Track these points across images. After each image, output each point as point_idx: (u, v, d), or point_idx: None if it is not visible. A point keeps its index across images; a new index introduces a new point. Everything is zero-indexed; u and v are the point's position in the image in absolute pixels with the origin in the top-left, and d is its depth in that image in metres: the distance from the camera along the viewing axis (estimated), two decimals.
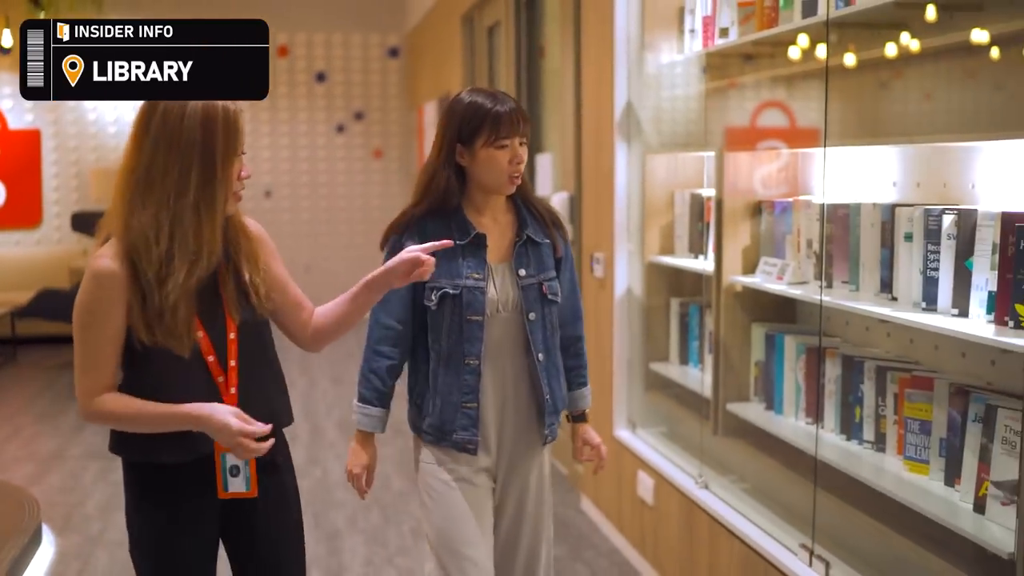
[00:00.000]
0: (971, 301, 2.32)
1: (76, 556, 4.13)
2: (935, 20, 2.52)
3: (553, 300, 2.49)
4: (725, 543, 3.20)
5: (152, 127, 2.01)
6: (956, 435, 2.42)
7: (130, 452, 2.10)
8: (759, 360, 3.34)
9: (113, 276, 1.98)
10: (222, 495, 2.12)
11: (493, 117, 2.37)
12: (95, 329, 2.01)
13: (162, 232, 1.98)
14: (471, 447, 2.43)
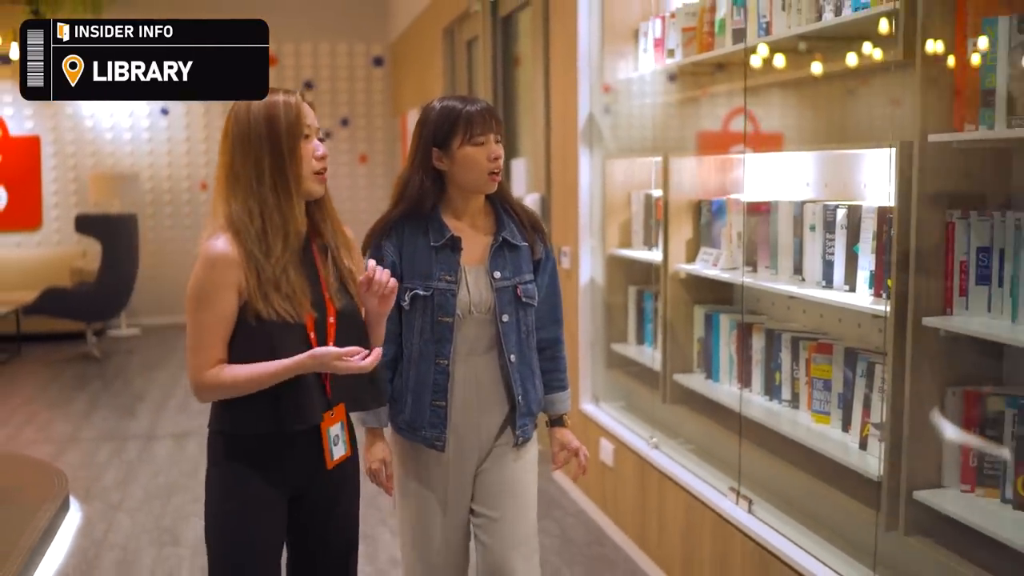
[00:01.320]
0: (858, 279, 2.86)
1: (100, 520, 4.61)
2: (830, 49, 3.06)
3: (528, 303, 2.52)
4: (671, 493, 3.72)
5: (230, 130, 2.18)
6: (848, 389, 2.95)
7: (230, 425, 2.19)
8: (700, 337, 3.87)
9: (227, 257, 2.11)
10: (330, 464, 2.23)
11: (466, 117, 2.42)
12: (208, 309, 2.12)
13: (253, 214, 2.13)
14: (439, 444, 2.48)
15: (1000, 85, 2.23)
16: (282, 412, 2.15)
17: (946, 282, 2.45)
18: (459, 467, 2.53)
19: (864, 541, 2.69)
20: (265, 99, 2.15)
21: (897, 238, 2.50)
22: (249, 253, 2.11)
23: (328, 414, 2.22)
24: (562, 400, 2.67)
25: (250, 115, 2.14)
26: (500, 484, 2.54)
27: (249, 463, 2.19)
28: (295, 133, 2.14)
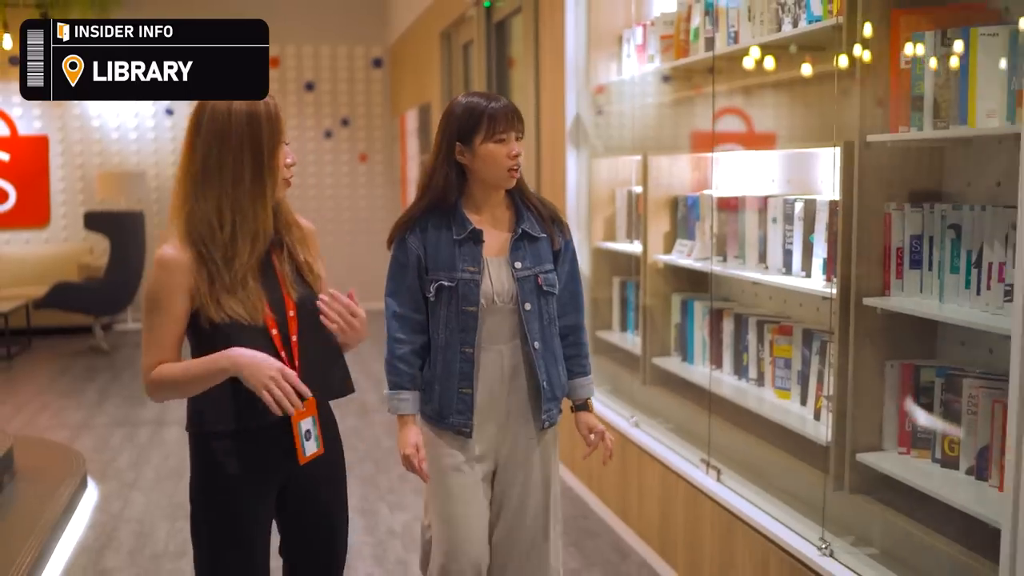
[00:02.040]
0: (813, 265, 3.16)
1: (116, 498, 4.91)
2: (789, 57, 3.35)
3: (549, 292, 2.60)
4: (649, 468, 4.01)
5: (203, 128, 2.14)
6: (806, 366, 3.25)
7: (198, 425, 2.22)
8: (677, 322, 4.16)
9: (177, 262, 2.12)
10: (303, 460, 2.22)
11: (490, 114, 2.49)
12: (160, 312, 2.14)
13: (224, 218, 2.13)
14: (466, 430, 2.56)
15: (927, 91, 2.51)
16: (240, 408, 2.15)
17: (884, 267, 2.74)
18: (486, 452, 2.60)
19: (815, 501, 2.98)
20: (246, 103, 2.14)
21: (842, 228, 2.79)
22: (206, 258, 2.12)
23: (299, 408, 2.17)
24: (585, 385, 2.74)
25: (232, 115, 2.12)
26: (528, 466, 2.62)
27: (227, 462, 2.20)
28: (276, 140, 2.16)
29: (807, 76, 3.23)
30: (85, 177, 10.56)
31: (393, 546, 4.22)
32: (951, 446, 2.60)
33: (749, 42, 3.41)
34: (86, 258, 10.01)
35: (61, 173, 10.55)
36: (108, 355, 8.79)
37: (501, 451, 2.62)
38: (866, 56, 2.66)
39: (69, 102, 10.38)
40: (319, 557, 2.36)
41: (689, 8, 3.91)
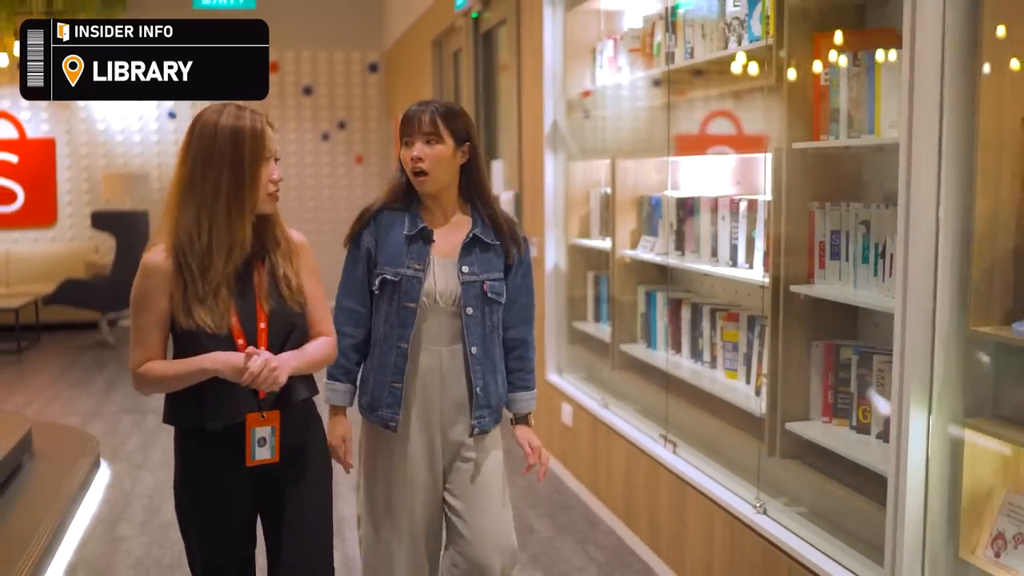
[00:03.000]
0: (755, 258, 3.53)
1: (127, 476, 5.29)
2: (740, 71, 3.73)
3: (494, 300, 2.63)
4: (616, 445, 4.39)
5: (192, 144, 2.24)
6: (749, 349, 3.63)
7: (179, 420, 2.33)
8: (642, 312, 4.54)
9: (158, 268, 2.23)
10: (249, 463, 2.30)
11: (403, 119, 2.59)
12: (144, 313, 2.25)
13: (202, 229, 2.21)
14: (392, 424, 2.59)
15: (842, 105, 2.89)
16: (205, 409, 2.26)
17: (809, 258, 3.12)
18: (417, 449, 2.63)
19: (752, 466, 3.36)
20: (233, 120, 2.21)
21: (773, 224, 3.17)
22: (184, 267, 2.22)
23: (256, 415, 2.29)
24: (526, 399, 2.76)
25: (217, 133, 2.20)
26: (467, 478, 2.65)
27: (196, 456, 2.33)
28: (257, 158, 2.23)
29: (748, 89, 3.61)
30: (91, 178, 10.93)
31: None
32: (864, 414, 2.98)
33: (702, 57, 3.80)
34: (92, 256, 10.38)
35: (67, 174, 10.91)
36: (114, 349, 9.17)
37: (442, 447, 2.64)
38: (792, 74, 3.04)
39: (75, 105, 10.76)
40: (304, 554, 2.42)
41: (653, 25, 4.29)
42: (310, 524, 2.44)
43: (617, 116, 4.84)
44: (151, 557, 4.16)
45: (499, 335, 2.68)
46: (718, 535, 3.43)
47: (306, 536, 2.43)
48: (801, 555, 2.92)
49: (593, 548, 4.21)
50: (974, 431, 2.39)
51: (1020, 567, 2.27)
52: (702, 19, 3.80)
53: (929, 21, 2.31)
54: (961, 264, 2.33)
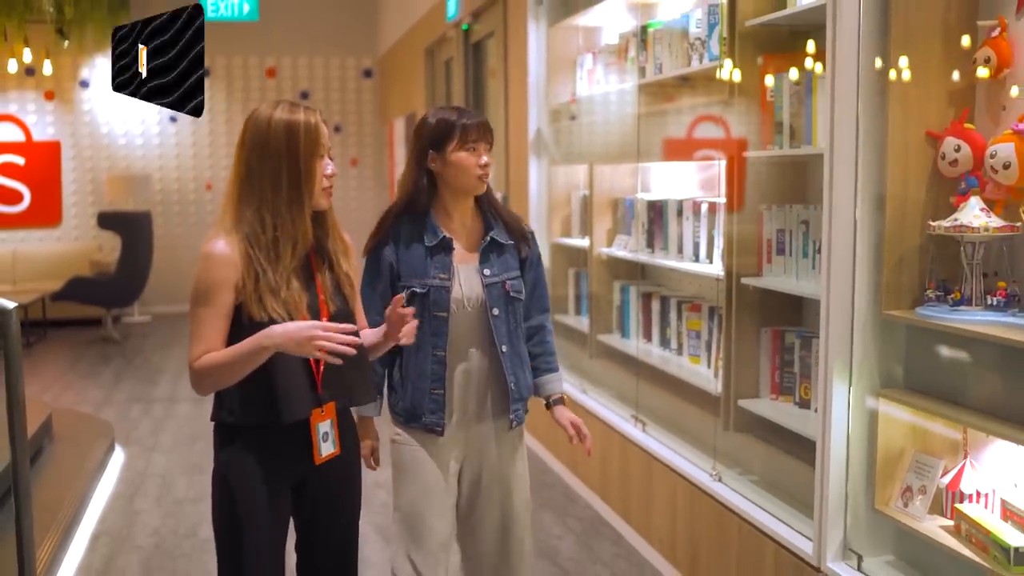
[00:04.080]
0: (714, 254, 3.93)
1: (140, 458, 5.66)
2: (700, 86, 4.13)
3: (516, 298, 2.71)
4: (593, 426, 4.73)
5: (247, 140, 2.26)
6: (710, 336, 4.03)
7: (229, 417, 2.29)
8: (617, 305, 4.94)
9: (226, 258, 2.20)
10: (318, 460, 2.30)
11: (463, 124, 2.62)
12: (206, 304, 2.20)
13: (266, 223, 2.22)
14: (438, 429, 2.64)
15: (785, 118, 3.29)
16: (271, 405, 2.23)
17: (758, 253, 3.52)
18: (456, 451, 2.70)
19: (710, 439, 3.76)
20: (287, 114, 2.25)
21: (727, 224, 3.57)
22: (253, 259, 2.21)
23: (318, 411, 2.30)
24: (554, 381, 2.86)
25: (271, 128, 2.23)
26: (495, 464, 2.73)
27: (247, 454, 2.28)
28: (313, 152, 2.25)
29: (708, 102, 4.01)
30: (95, 180, 11.30)
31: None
32: (806, 391, 3.37)
33: (669, 73, 4.19)
34: (96, 255, 10.75)
35: (72, 176, 11.28)
36: (119, 344, 9.54)
37: (469, 449, 2.72)
38: (742, 90, 3.44)
39: (80, 109, 11.14)
40: (333, 555, 2.45)
41: (627, 41, 4.69)
42: (346, 528, 2.46)
43: (595, 124, 5.23)
44: (167, 527, 4.54)
45: (522, 330, 2.77)
46: (680, 502, 3.83)
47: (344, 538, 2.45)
48: (750, 515, 3.32)
49: (571, 520, 4.60)
50: (888, 401, 2.78)
51: (922, 514, 2.66)
52: (669, 38, 4.20)
53: (846, 49, 2.70)
54: (875, 257, 2.73)
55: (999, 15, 2.53)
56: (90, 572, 4.08)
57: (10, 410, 3.20)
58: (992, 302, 2.49)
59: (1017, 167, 2.42)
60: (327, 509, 2.41)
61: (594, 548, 4.26)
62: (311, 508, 2.40)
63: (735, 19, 3.42)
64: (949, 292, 2.58)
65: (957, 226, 2.49)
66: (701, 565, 3.65)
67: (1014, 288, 2.48)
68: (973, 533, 2.50)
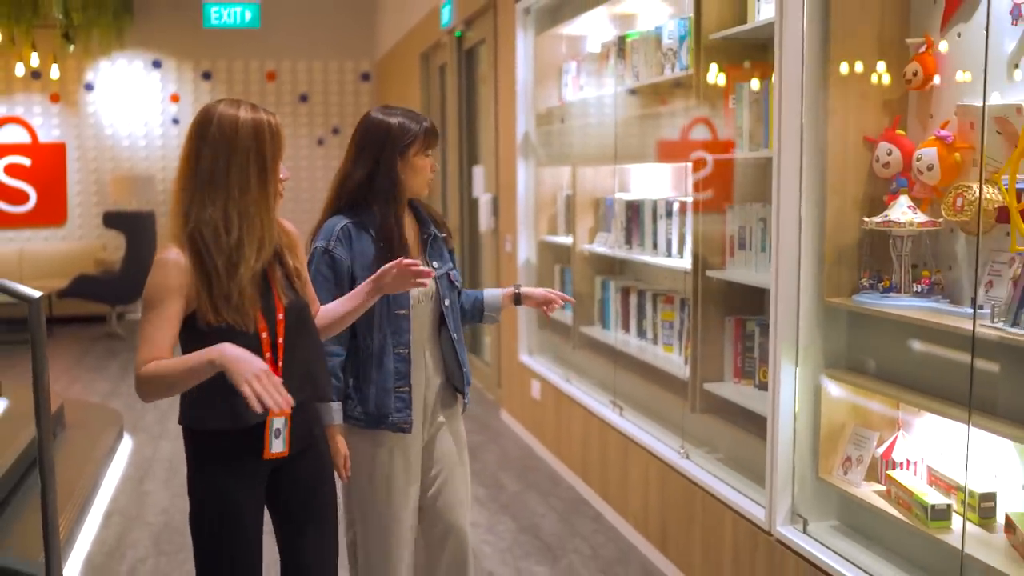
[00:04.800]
0: (685, 250, 4.23)
1: (147, 445, 5.97)
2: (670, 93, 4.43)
3: (457, 286, 2.83)
4: (575, 413, 5.08)
5: (209, 136, 2.20)
6: (681, 326, 4.33)
7: (193, 421, 2.30)
8: (599, 298, 5.24)
9: (178, 265, 2.18)
10: (267, 455, 2.29)
11: (425, 131, 2.68)
12: (157, 309, 2.17)
13: (232, 224, 2.19)
14: (406, 426, 2.67)
15: (745, 124, 3.59)
16: (231, 408, 2.18)
17: (722, 248, 3.82)
18: (417, 444, 2.77)
19: (678, 421, 4.06)
20: (251, 114, 2.23)
21: (695, 222, 3.87)
22: (207, 263, 2.18)
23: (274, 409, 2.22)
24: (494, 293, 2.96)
25: (239, 125, 2.20)
26: (448, 451, 2.84)
27: (216, 456, 2.29)
28: (278, 152, 2.27)
29: (679, 108, 4.31)
30: (99, 180, 11.58)
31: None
32: (764, 375, 3.67)
33: (644, 80, 4.50)
34: (100, 254, 11.05)
35: (77, 177, 11.56)
36: (123, 340, 9.85)
37: (429, 439, 2.82)
38: (709, 97, 3.74)
39: (85, 111, 11.42)
40: (312, 548, 2.46)
41: (608, 51, 4.99)
42: (326, 523, 2.49)
43: (578, 129, 5.53)
44: (175, 506, 4.83)
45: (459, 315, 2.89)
46: (652, 479, 4.13)
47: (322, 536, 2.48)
48: (712, 488, 3.62)
49: (554, 499, 4.90)
50: (830, 379, 3.08)
51: (859, 481, 2.96)
52: (645, 47, 4.50)
53: (792, 62, 3.01)
54: (818, 251, 3.03)
55: (925, 33, 2.83)
56: (104, 546, 4.38)
57: (36, 390, 3.50)
58: (917, 289, 2.79)
59: (939, 169, 2.72)
60: (301, 505, 2.43)
61: (574, 524, 4.56)
62: (285, 506, 2.42)
63: (700, 32, 3.72)
64: (881, 280, 2.88)
65: (886, 222, 2.79)
66: (670, 536, 3.95)
67: (937, 277, 2.79)
68: (901, 496, 2.80)
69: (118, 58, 11.36)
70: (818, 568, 2.94)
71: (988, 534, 2.56)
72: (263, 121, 2.24)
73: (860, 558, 2.89)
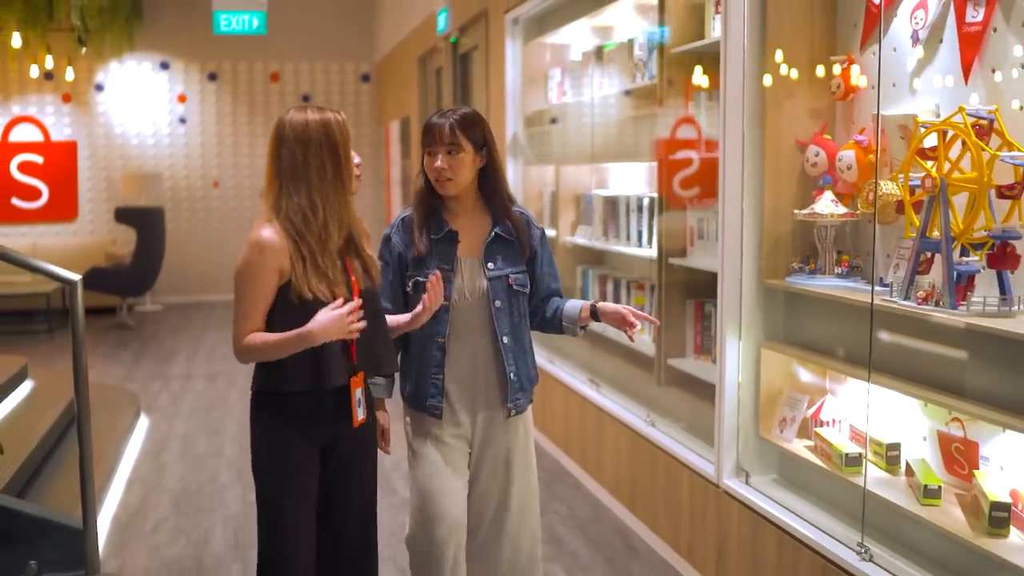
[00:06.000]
0: (653, 241, 4.69)
1: (163, 423, 6.43)
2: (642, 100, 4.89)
3: (519, 291, 2.78)
4: (557, 389, 5.54)
5: (286, 137, 2.50)
6: (650, 309, 4.79)
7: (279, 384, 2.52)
8: (580, 286, 5.71)
9: (274, 245, 2.44)
10: (356, 423, 2.56)
11: (425, 130, 2.72)
12: (254, 287, 2.45)
13: (316, 207, 2.48)
14: (437, 412, 2.75)
15: (702, 128, 4.05)
16: (315, 373, 2.49)
17: (684, 238, 4.28)
18: (459, 434, 2.80)
19: (646, 393, 4.52)
20: (318, 114, 2.53)
21: (659, 215, 4.33)
22: (301, 243, 2.47)
23: (355, 378, 2.56)
24: (575, 304, 2.87)
25: (308, 125, 2.50)
26: (499, 450, 2.82)
27: (285, 418, 2.53)
28: (347, 142, 2.55)
29: (647, 114, 4.77)
30: (109, 177, 12.04)
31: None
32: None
33: (619, 88, 4.96)
34: (111, 248, 11.50)
35: (88, 174, 12.02)
36: (134, 330, 10.31)
37: (475, 435, 2.81)
38: (672, 104, 4.21)
39: (95, 111, 11.89)
40: (354, 510, 2.67)
41: (588, 59, 5.45)
42: (366, 494, 2.70)
43: (561, 130, 5.99)
44: (191, 475, 5.30)
45: (527, 322, 2.84)
46: (623, 447, 4.59)
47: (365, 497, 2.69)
48: (673, 451, 4.08)
49: (539, 471, 5.35)
50: (769, 350, 3.54)
51: (791, 438, 3.43)
52: (619, 57, 4.96)
53: (734, 75, 3.47)
54: (757, 239, 3.49)
55: (847, 52, 3.30)
56: (128, 508, 4.84)
57: (76, 367, 3.97)
58: (839, 271, 3.26)
59: (857, 169, 3.18)
60: (353, 470, 2.64)
61: (556, 492, 5.02)
62: (335, 469, 2.63)
63: (664, 46, 4.19)
64: (808, 264, 3.34)
65: (812, 214, 3.26)
66: (638, 496, 4.42)
67: (855, 260, 3.25)
68: (824, 448, 3.27)
69: (127, 60, 11.83)
70: (758, 514, 3.41)
71: (893, 477, 3.03)
72: (330, 119, 2.53)
73: (792, 503, 3.36)
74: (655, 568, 4.03)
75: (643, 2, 4.73)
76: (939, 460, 2.92)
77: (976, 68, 2.74)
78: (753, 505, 3.43)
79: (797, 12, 3.38)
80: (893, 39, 3.07)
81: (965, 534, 2.62)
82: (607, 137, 5.27)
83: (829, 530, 3.11)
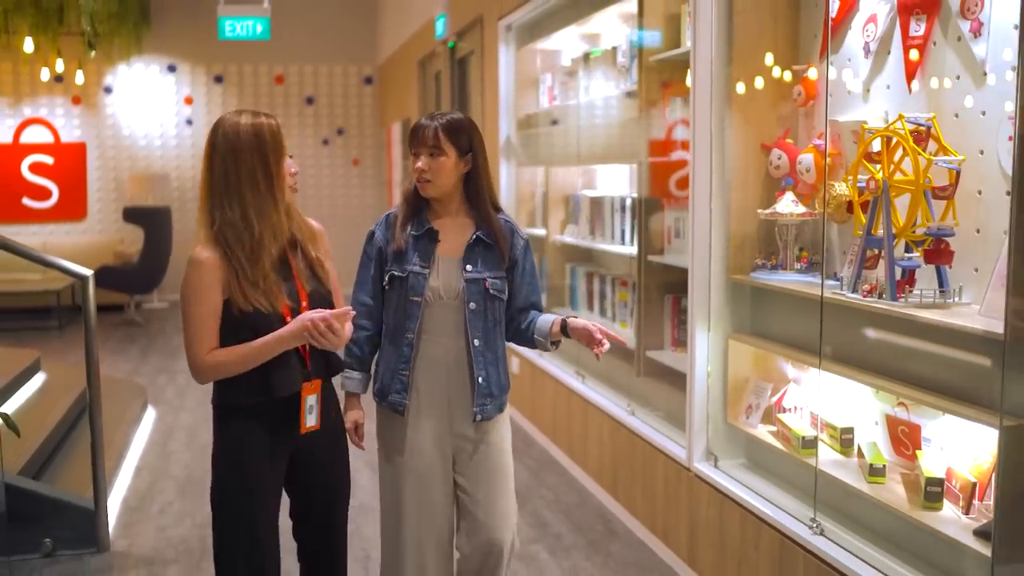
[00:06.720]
0: (636, 240, 4.92)
1: (169, 415, 6.68)
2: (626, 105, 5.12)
3: (496, 296, 2.76)
4: (547, 382, 5.78)
5: (218, 146, 2.44)
6: (633, 306, 5.02)
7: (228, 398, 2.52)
8: (568, 283, 5.94)
9: (209, 262, 2.43)
10: (303, 430, 2.53)
11: (412, 131, 2.76)
12: (199, 305, 2.44)
13: (251, 222, 2.43)
14: (400, 408, 2.75)
15: (678, 132, 4.28)
16: (267, 382, 2.46)
17: (662, 237, 4.51)
18: (426, 433, 2.78)
19: (627, 384, 4.75)
20: (251, 120, 2.45)
21: (640, 214, 4.56)
22: (232, 257, 2.43)
23: (307, 384, 2.52)
24: (547, 319, 2.84)
25: (240, 133, 2.43)
26: (478, 463, 2.81)
27: (251, 428, 2.50)
28: (280, 150, 2.47)
29: (629, 118, 5.01)
30: (117, 178, 12.30)
31: None
32: None
33: (603, 93, 5.19)
34: (119, 247, 11.77)
35: (97, 174, 12.29)
36: (142, 326, 10.56)
37: (447, 436, 2.79)
38: (651, 109, 4.44)
39: (104, 113, 12.15)
40: (324, 516, 2.68)
41: (577, 65, 5.68)
42: (338, 494, 2.69)
43: (550, 133, 6.23)
44: (196, 463, 5.55)
45: (502, 328, 2.83)
46: (605, 435, 4.82)
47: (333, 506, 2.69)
48: (649, 437, 4.31)
49: (528, 460, 5.60)
50: (736, 341, 3.77)
51: (756, 424, 3.66)
52: (604, 64, 5.19)
53: (703, 82, 3.70)
54: (724, 236, 3.72)
55: (808, 60, 3.53)
56: (137, 492, 5.09)
57: (88, 357, 4.22)
58: (799, 267, 3.49)
59: (815, 171, 3.41)
60: (318, 476, 2.64)
61: (543, 477, 5.26)
62: (303, 477, 2.63)
63: (642, 54, 4.42)
64: (770, 260, 3.57)
65: (774, 213, 3.49)
66: (619, 481, 4.65)
67: (814, 257, 3.48)
68: (784, 433, 3.50)
69: (135, 63, 12.09)
70: (725, 495, 3.63)
71: (846, 459, 3.26)
72: (261, 124, 2.45)
73: (755, 484, 3.59)
74: (632, 548, 4.26)
75: (626, 11, 4.96)
76: (888, 442, 3.15)
77: (919, 78, 2.97)
78: (720, 487, 3.65)
79: (762, 24, 3.61)
80: (848, 50, 3.30)
81: (904, 508, 2.84)
82: (593, 140, 5.50)
83: (787, 508, 3.34)
